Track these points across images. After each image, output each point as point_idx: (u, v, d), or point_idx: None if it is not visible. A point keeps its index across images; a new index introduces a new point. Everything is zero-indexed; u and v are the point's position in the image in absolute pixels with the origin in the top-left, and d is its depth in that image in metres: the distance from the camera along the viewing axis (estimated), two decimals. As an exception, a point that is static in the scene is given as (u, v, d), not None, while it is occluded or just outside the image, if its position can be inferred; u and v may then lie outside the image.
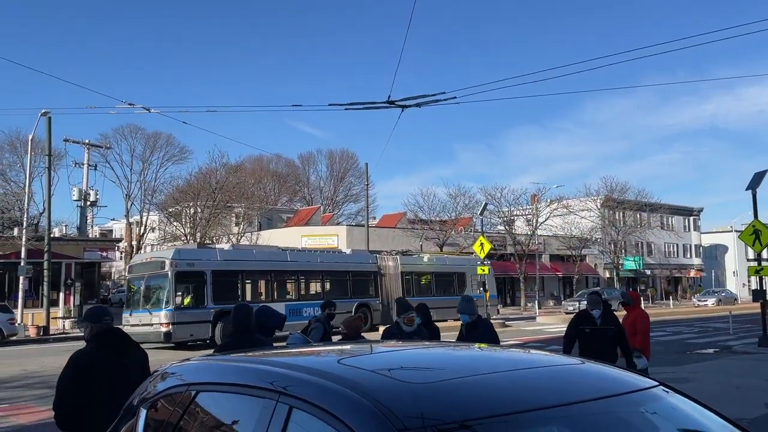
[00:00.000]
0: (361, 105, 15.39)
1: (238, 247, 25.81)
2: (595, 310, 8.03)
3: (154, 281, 20.42)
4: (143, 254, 23.19)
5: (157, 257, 21.71)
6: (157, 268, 20.41)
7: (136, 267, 21.76)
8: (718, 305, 46.62)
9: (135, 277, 21.51)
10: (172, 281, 19.71)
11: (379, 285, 26.67)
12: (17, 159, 39.89)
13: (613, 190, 57.79)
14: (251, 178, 56.33)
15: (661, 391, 2.34)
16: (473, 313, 6.53)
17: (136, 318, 20.12)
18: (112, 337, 4.50)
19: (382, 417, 1.82)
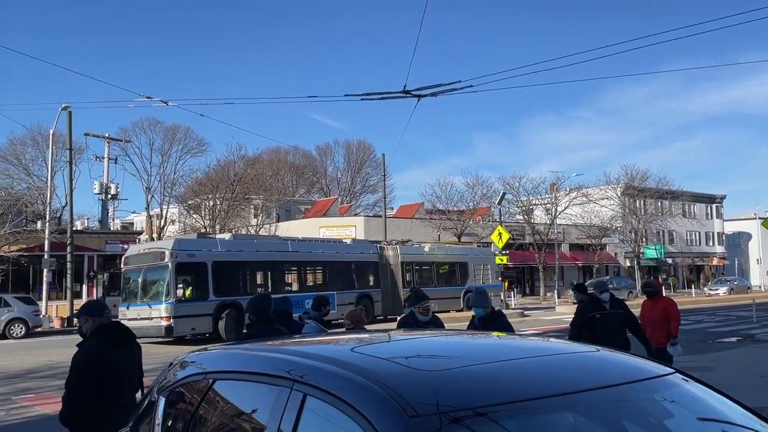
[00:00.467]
0: (377, 95, 15.36)
1: (238, 236, 24.64)
2: (604, 293, 7.89)
3: (153, 273, 19.32)
4: (140, 245, 21.41)
5: (156, 248, 20.39)
6: (156, 259, 19.32)
7: (133, 258, 20.46)
8: (730, 294, 45.11)
9: (132, 268, 20.28)
10: (172, 273, 18.68)
11: (380, 275, 25.98)
12: (39, 153, 40.47)
13: (633, 178, 57.09)
14: (269, 170, 56.59)
15: (678, 378, 2.32)
16: (488, 305, 6.39)
17: (134, 312, 19.10)
18: (114, 331, 4.52)
19: (394, 404, 1.83)
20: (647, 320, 8.79)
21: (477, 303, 6.39)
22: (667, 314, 8.65)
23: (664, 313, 8.66)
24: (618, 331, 7.71)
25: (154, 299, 18.89)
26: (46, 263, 27.63)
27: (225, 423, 2.61)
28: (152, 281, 19.44)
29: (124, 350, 4.49)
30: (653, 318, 8.74)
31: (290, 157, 68.55)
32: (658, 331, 8.63)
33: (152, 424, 3.06)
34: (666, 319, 8.61)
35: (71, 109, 28.12)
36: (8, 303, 24.06)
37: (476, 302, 6.42)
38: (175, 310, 18.60)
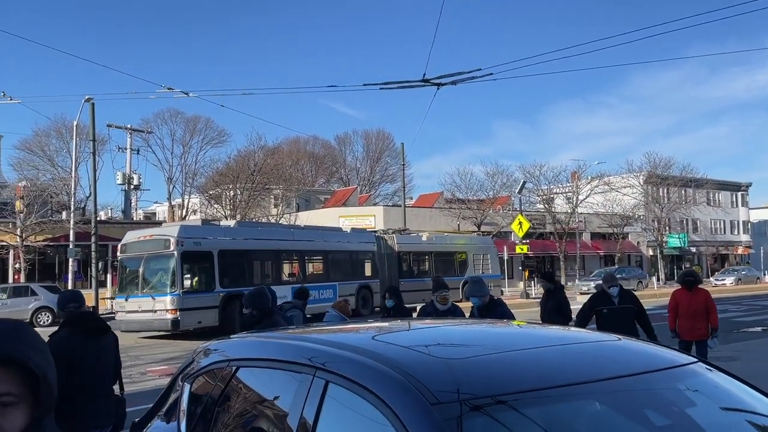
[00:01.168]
0: (396, 84, 15.30)
1: (243, 223, 23.10)
2: (612, 287, 7.61)
3: (157, 262, 17.99)
4: (138, 231, 19.71)
5: (160, 235, 18.64)
6: (159, 246, 17.91)
7: (132, 246, 18.80)
8: (738, 284, 42.53)
9: (130, 257, 18.67)
10: (178, 262, 17.35)
11: (378, 265, 25.01)
12: (63, 144, 41.10)
13: (656, 165, 56.24)
14: (288, 160, 56.77)
15: (701, 367, 2.31)
16: (484, 294, 6.26)
17: (134, 303, 17.77)
18: (84, 321, 4.49)
19: (416, 391, 1.84)
20: (685, 312, 8.43)
21: (473, 292, 6.28)
22: (707, 306, 8.37)
23: (705, 304, 8.38)
24: (625, 328, 7.12)
25: (158, 290, 17.62)
26: (72, 253, 28.12)
27: (248, 409, 2.65)
28: (155, 271, 18.19)
29: (96, 341, 4.43)
30: (694, 310, 8.38)
31: (309, 147, 68.73)
32: (699, 323, 8.35)
33: (177, 410, 3.12)
34: (706, 311, 8.35)
35: (94, 101, 28.46)
36: (35, 292, 24.58)
37: (472, 292, 6.30)
38: (182, 302, 17.29)
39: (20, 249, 29.60)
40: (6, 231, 30.07)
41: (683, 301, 8.52)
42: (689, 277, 8.65)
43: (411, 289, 24.81)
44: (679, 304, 8.56)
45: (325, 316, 5.78)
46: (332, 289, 22.13)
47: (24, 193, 31.72)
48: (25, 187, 33.24)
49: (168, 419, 3.22)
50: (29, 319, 23.70)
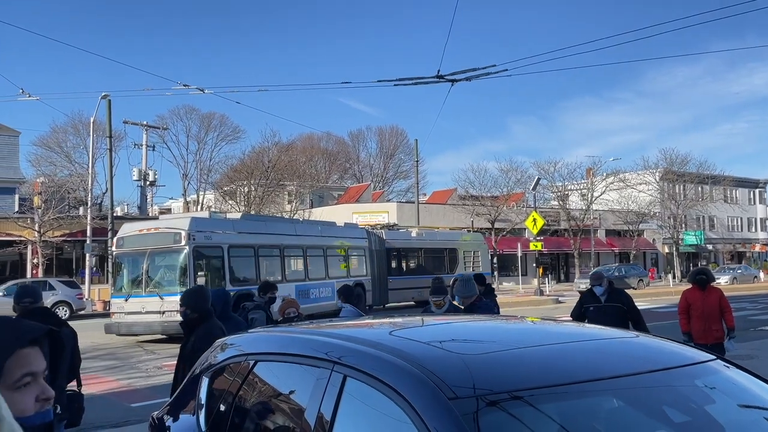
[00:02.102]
0: (410, 80, 15.30)
1: (247, 216, 21.56)
2: (597, 286, 7.37)
3: (165, 258, 16.55)
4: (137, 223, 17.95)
5: (169, 228, 16.88)
6: (167, 241, 16.41)
7: (131, 240, 17.10)
8: (733, 283, 40.35)
9: (130, 252, 17.01)
10: (190, 258, 15.99)
11: (369, 262, 23.70)
12: (80, 141, 41.55)
13: (673, 162, 55.71)
14: (302, 157, 56.96)
15: (719, 365, 2.30)
16: (472, 295, 6.04)
17: (137, 304, 16.18)
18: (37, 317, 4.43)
19: (433, 386, 1.86)
20: (698, 313, 7.92)
21: (461, 292, 6.05)
22: (721, 306, 7.87)
23: (719, 304, 7.87)
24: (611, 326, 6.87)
25: (167, 289, 16.05)
26: (89, 248, 28.43)
27: (266, 403, 2.68)
28: (163, 268, 16.71)
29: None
30: (708, 310, 7.87)
31: (323, 144, 68.88)
32: (715, 324, 7.93)
33: (196, 404, 3.16)
34: (721, 311, 7.86)
35: (111, 98, 28.75)
36: (53, 287, 24.89)
37: (460, 291, 6.09)
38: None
39: (38, 244, 29.98)
40: (24, 226, 30.46)
41: (696, 301, 7.99)
42: (701, 275, 8.06)
43: (400, 287, 24.14)
44: (692, 304, 8.03)
45: (341, 312, 5.78)
46: (330, 287, 20.70)
47: (42, 189, 32.14)
48: (42, 183, 33.68)
49: (186, 413, 3.26)
50: (47, 313, 24.02)
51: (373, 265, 23.91)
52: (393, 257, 25.39)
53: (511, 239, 43.01)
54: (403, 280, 24.56)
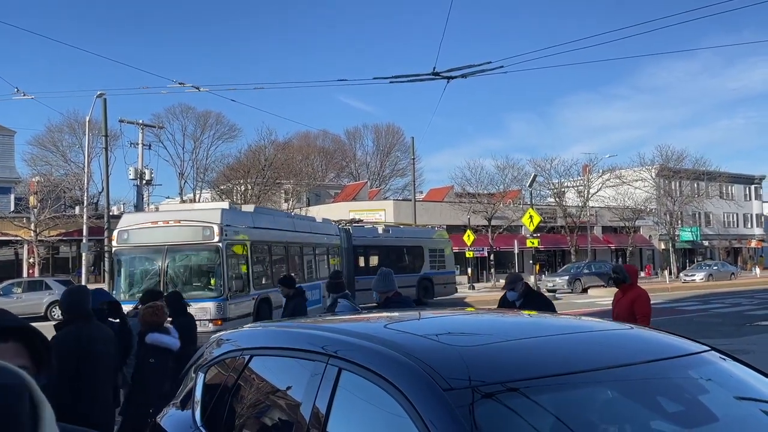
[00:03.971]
0: (406, 78, 15.30)
1: (259, 210, 18.72)
2: (510, 291, 6.51)
3: (190, 256, 14.21)
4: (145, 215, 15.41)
5: (196, 221, 14.13)
6: (195, 236, 13.92)
7: (142, 233, 14.11)
8: (708, 281, 39.26)
9: (141, 248, 14.10)
10: (223, 257, 13.62)
11: (342, 260, 22.17)
12: (76, 140, 41.42)
13: (668, 158, 55.84)
14: (299, 155, 56.92)
15: (714, 356, 2.31)
16: (389, 290, 5.85)
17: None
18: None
19: (429, 378, 1.86)
20: (613, 316, 6.78)
21: (379, 287, 5.83)
22: (632, 309, 6.44)
23: (630, 308, 6.49)
24: None
25: (196, 294, 13.32)
26: (85, 247, 28.38)
27: (262, 397, 2.68)
28: (189, 268, 14.42)
29: None
30: (619, 315, 6.63)
31: (320, 142, 68.83)
32: None
33: (191, 400, 3.16)
34: (631, 316, 6.36)
35: (106, 96, 28.66)
36: (49, 286, 24.84)
37: (375, 286, 5.86)
38: (229, 309, 13.66)
39: (34, 244, 29.93)
40: (20, 226, 30.39)
41: (613, 305, 6.89)
42: (614, 274, 6.79)
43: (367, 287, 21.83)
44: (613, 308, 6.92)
45: (337, 307, 5.79)
46: (318, 289, 18.81)
47: (37, 188, 32.07)
48: (38, 182, 33.59)
49: (182, 408, 3.26)
50: (43, 313, 23.97)
51: (342, 263, 22.16)
52: (360, 254, 23.98)
53: (507, 236, 43.08)
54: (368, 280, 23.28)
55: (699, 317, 19.76)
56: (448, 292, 26.82)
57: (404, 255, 25.85)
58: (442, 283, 26.58)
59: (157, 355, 5.36)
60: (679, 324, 17.20)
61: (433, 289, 25.99)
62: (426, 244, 26.82)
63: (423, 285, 25.30)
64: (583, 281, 34.84)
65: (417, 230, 29.41)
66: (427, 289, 25.52)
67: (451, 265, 28.40)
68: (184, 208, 18.96)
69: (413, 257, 26.03)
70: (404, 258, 25.74)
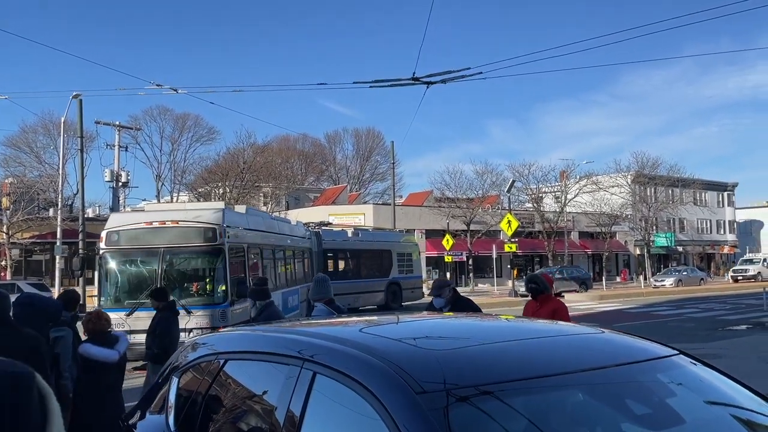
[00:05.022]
0: (386, 82, 15.34)
1: (251, 211, 17.29)
2: (437, 297, 6.16)
3: (190, 259, 13.14)
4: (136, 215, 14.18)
5: (197, 222, 12.85)
6: (195, 238, 12.64)
7: (134, 235, 12.71)
8: (678, 286, 39.39)
9: (133, 250, 12.74)
10: (226, 260, 12.44)
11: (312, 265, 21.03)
12: (51, 141, 40.81)
13: (644, 165, 56.75)
14: (278, 158, 56.71)
15: (683, 359, 2.35)
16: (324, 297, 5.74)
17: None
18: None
19: (401, 381, 1.87)
20: None
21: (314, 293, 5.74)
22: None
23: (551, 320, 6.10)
24: None
25: (196, 301, 12.46)
26: (58, 250, 27.92)
27: (237, 401, 2.67)
28: (188, 272, 13.41)
29: None
30: None
31: (299, 145, 68.64)
32: None
33: (165, 404, 3.13)
34: None
35: (82, 97, 28.26)
36: (21, 289, 24.36)
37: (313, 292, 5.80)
38: (232, 316, 12.45)
39: (6, 246, 29.37)
40: (-8, 228, 29.83)
41: (527, 314, 6.54)
42: (532, 283, 6.41)
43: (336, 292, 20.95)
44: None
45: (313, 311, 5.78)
46: (296, 295, 18.02)
47: (10, 189, 31.52)
48: (11, 183, 33.02)
49: (156, 413, 3.23)
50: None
51: (312, 268, 20.87)
52: (329, 259, 23.44)
53: (486, 241, 43.33)
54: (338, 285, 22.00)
55: (673, 322, 20.07)
56: (416, 297, 26.49)
57: (373, 259, 25.44)
58: (410, 287, 26.36)
59: (90, 368, 4.78)
60: (653, 328, 17.45)
61: (401, 294, 25.74)
62: (394, 248, 26.46)
63: (392, 290, 25.02)
64: (555, 286, 35.08)
65: (386, 234, 28.94)
66: (396, 293, 25.32)
67: (418, 269, 28.12)
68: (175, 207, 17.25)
69: (382, 261, 25.62)
70: (373, 262, 25.34)
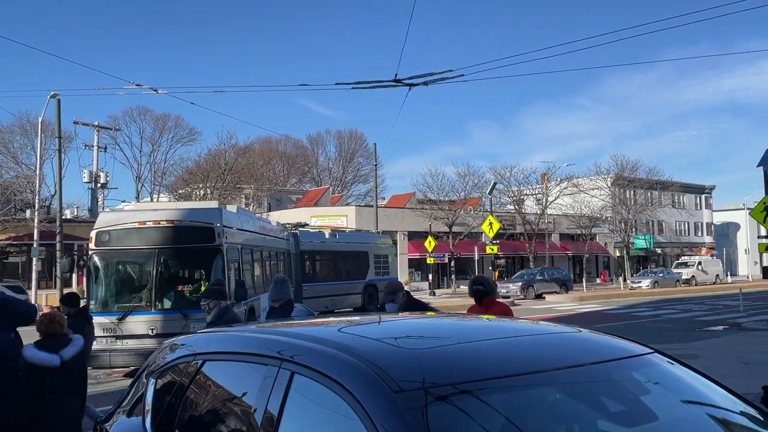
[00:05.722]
0: (368, 84, 15.34)
1: (242, 211, 16.28)
2: (389, 303, 5.87)
3: (186, 260, 12.61)
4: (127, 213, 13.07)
5: (194, 222, 12.25)
6: (192, 238, 11.98)
7: (126, 235, 11.98)
8: (654, 287, 39.70)
9: (125, 251, 12.14)
10: (224, 262, 11.86)
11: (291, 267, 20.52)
12: (28, 141, 40.23)
13: (623, 168, 57.47)
14: (260, 160, 56.45)
15: (658, 358, 2.38)
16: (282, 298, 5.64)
17: (142, 324, 11.51)
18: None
19: (379, 379, 1.87)
20: None
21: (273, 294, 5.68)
22: None
23: None
24: None
25: (189, 303, 11.56)
26: (35, 252, 27.50)
27: (215, 402, 2.65)
28: (184, 275, 13.01)
29: None
30: None
31: (281, 147, 68.38)
32: None
33: (142, 406, 3.10)
34: None
35: (60, 97, 27.86)
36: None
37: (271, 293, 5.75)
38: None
39: (-18, 248, 28.86)
40: (-33, 229, 29.30)
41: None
42: (478, 285, 6.02)
43: (313, 295, 21.47)
44: None
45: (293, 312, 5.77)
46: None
47: (-14, 190, 30.97)
48: (-13, 184, 32.45)
49: (133, 415, 3.19)
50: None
51: (292, 270, 20.52)
52: (306, 260, 22.96)
53: (468, 243, 43.51)
54: (316, 287, 22.13)
55: (651, 322, 20.31)
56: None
57: (350, 261, 25.11)
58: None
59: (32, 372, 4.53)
60: (632, 329, 17.66)
61: (377, 296, 25.87)
62: (371, 250, 26.26)
63: (368, 292, 24.80)
64: (536, 287, 35.44)
65: (363, 235, 28.65)
66: (372, 296, 25.15)
67: (394, 271, 27.88)
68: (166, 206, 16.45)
69: (359, 263, 25.37)
70: (351, 264, 25.02)
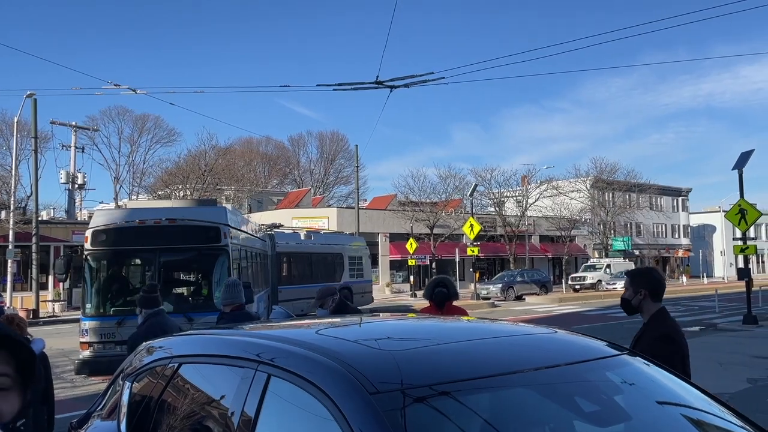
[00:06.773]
0: (349, 86, 15.37)
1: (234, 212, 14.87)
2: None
3: (189, 262, 12.00)
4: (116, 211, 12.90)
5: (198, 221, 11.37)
6: (196, 238, 11.22)
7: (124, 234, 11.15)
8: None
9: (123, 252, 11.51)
10: (229, 263, 11.20)
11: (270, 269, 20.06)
12: (3, 141, 39.62)
13: (602, 170, 58.15)
14: (241, 161, 56.14)
15: (633, 359, 2.42)
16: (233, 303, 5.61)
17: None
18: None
19: (355, 381, 1.87)
20: None
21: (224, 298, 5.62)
22: None
23: None
24: None
25: (197, 306, 11.17)
26: (11, 254, 27.03)
27: (191, 405, 2.63)
28: (187, 277, 12.60)
29: None
30: None
31: (262, 148, 68.06)
32: None
33: (118, 410, 3.07)
34: None
35: (36, 97, 27.46)
36: (-29, 294, 23.53)
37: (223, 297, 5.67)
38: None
39: (-45, 250, 28.28)
40: (-61, 231, 28.70)
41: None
42: (441, 287, 5.61)
43: (289, 298, 20.99)
44: None
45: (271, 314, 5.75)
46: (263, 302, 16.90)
47: (-40, 191, 30.37)
48: (-39, 185, 31.83)
49: (108, 419, 3.16)
50: (-36, 322, 22.68)
51: (269, 271, 19.77)
52: (283, 262, 22.59)
53: (449, 244, 43.67)
54: (291, 290, 21.84)
55: (629, 324, 20.51)
56: (366, 301, 26.01)
57: (326, 263, 24.83)
58: (361, 292, 25.89)
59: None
60: (610, 330, 17.85)
61: (352, 299, 25.74)
62: (346, 252, 26.04)
63: (343, 294, 24.84)
64: (516, 289, 35.59)
65: (338, 236, 28.28)
66: (347, 298, 25.10)
67: (368, 273, 27.71)
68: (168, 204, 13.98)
69: (334, 265, 25.14)
70: (326, 266, 24.72)
